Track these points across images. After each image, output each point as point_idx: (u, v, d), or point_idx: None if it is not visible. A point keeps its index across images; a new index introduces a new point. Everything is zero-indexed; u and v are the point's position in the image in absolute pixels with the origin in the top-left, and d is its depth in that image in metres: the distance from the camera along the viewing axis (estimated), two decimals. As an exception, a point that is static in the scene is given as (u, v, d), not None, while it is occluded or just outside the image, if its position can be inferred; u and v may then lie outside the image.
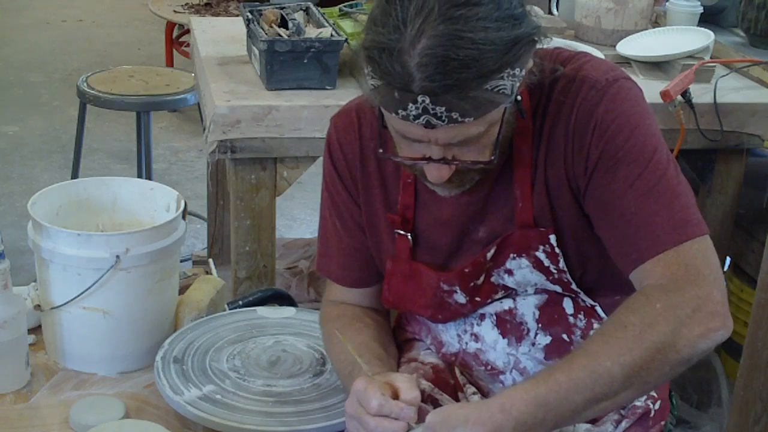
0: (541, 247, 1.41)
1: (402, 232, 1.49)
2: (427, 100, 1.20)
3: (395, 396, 1.31)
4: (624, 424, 1.51)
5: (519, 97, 1.28)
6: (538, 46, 1.31)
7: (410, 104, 1.21)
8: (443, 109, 1.20)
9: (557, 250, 1.41)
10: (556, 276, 1.44)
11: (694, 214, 1.31)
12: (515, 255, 1.44)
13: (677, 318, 1.23)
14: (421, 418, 1.42)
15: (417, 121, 1.22)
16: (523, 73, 1.26)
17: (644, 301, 1.26)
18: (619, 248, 1.34)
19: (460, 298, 1.49)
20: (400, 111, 1.23)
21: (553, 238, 1.40)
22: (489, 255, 1.44)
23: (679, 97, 2.32)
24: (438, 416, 1.23)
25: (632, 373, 1.22)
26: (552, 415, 1.21)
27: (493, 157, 1.30)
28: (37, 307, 1.77)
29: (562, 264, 1.42)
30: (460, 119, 1.22)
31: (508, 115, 1.28)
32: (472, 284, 1.48)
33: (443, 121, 1.21)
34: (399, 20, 1.19)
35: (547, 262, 1.42)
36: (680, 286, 1.26)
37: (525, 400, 1.21)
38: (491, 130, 1.28)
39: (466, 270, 1.46)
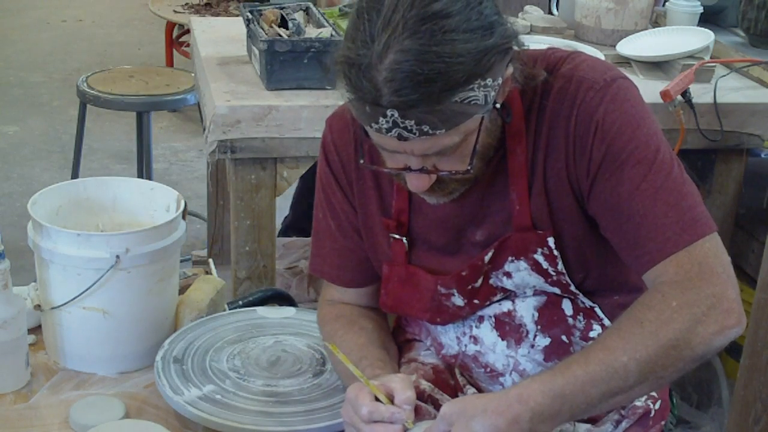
0: (540, 250, 1.41)
1: (397, 236, 1.49)
2: (396, 114, 1.20)
3: (391, 398, 1.31)
4: (624, 424, 1.51)
5: (498, 104, 1.28)
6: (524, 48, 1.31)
7: (381, 118, 1.22)
8: (412, 122, 1.21)
9: (555, 252, 1.41)
10: (554, 278, 1.44)
11: (702, 212, 1.32)
12: (513, 258, 1.43)
13: (693, 315, 1.24)
14: (420, 417, 1.42)
15: (389, 134, 1.23)
16: (499, 81, 1.26)
17: (660, 298, 1.27)
18: (630, 251, 1.34)
19: (458, 300, 1.49)
20: (372, 124, 1.24)
21: (551, 241, 1.40)
22: (487, 258, 1.44)
23: (679, 97, 2.32)
24: (455, 407, 1.24)
25: (647, 368, 1.23)
26: (568, 407, 1.23)
27: (470, 167, 1.30)
28: (37, 307, 1.76)
29: (560, 266, 1.42)
30: (431, 132, 1.22)
31: (486, 123, 1.28)
32: (470, 287, 1.48)
33: (414, 134, 1.22)
34: (367, 35, 1.20)
35: (545, 265, 1.42)
36: (695, 284, 1.27)
37: (542, 391, 1.22)
38: (469, 139, 1.28)
39: (464, 273, 1.46)
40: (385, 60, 1.18)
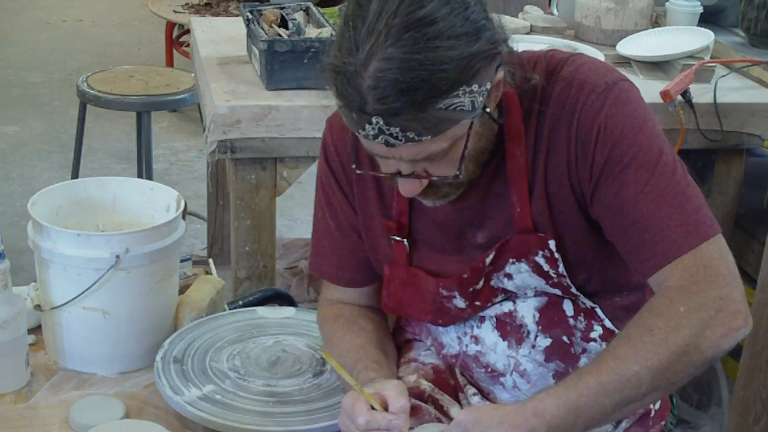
0: (541, 252, 1.41)
1: (398, 238, 1.49)
2: (381, 122, 1.21)
3: (386, 406, 1.31)
4: (624, 424, 1.51)
5: (489, 109, 1.28)
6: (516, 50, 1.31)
7: (367, 125, 1.22)
8: (397, 129, 1.21)
9: (556, 255, 1.41)
10: (555, 280, 1.44)
11: (706, 214, 1.32)
12: (514, 260, 1.43)
13: (701, 320, 1.25)
14: (420, 417, 1.42)
15: (376, 141, 1.24)
16: (487, 86, 1.25)
17: (667, 304, 1.27)
18: (635, 254, 1.34)
19: (460, 302, 1.49)
20: (360, 131, 1.24)
21: (552, 244, 1.40)
22: (488, 260, 1.44)
23: (679, 97, 2.32)
24: (471, 415, 1.24)
25: (659, 376, 1.24)
26: (582, 419, 1.24)
27: (458, 172, 1.30)
28: (37, 307, 1.76)
29: (561, 269, 1.42)
30: (416, 138, 1.22)
31: (477, 127, 1.28)
32: (471, 289, 1.47)
33: (400, 141, 1.22)
34: (352, 43, 1.20)
35: (546, 267, 1.42)
36: (701, 287, 1.27)
37: (557, 404, 1.23)
38: (458, 144, 1.27)
39: (465, 275, 1.46)
40: (369, 68, 1.18)
